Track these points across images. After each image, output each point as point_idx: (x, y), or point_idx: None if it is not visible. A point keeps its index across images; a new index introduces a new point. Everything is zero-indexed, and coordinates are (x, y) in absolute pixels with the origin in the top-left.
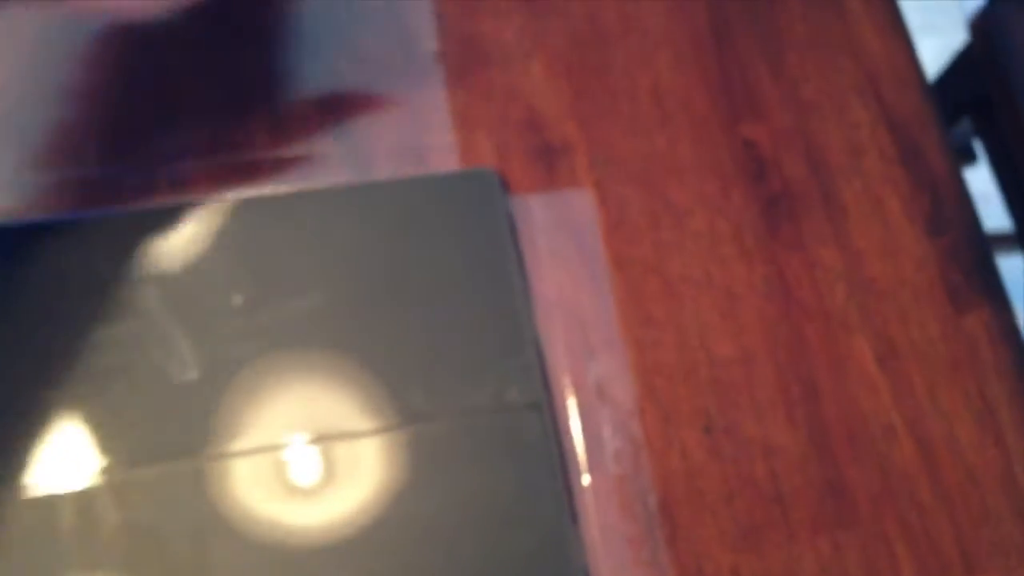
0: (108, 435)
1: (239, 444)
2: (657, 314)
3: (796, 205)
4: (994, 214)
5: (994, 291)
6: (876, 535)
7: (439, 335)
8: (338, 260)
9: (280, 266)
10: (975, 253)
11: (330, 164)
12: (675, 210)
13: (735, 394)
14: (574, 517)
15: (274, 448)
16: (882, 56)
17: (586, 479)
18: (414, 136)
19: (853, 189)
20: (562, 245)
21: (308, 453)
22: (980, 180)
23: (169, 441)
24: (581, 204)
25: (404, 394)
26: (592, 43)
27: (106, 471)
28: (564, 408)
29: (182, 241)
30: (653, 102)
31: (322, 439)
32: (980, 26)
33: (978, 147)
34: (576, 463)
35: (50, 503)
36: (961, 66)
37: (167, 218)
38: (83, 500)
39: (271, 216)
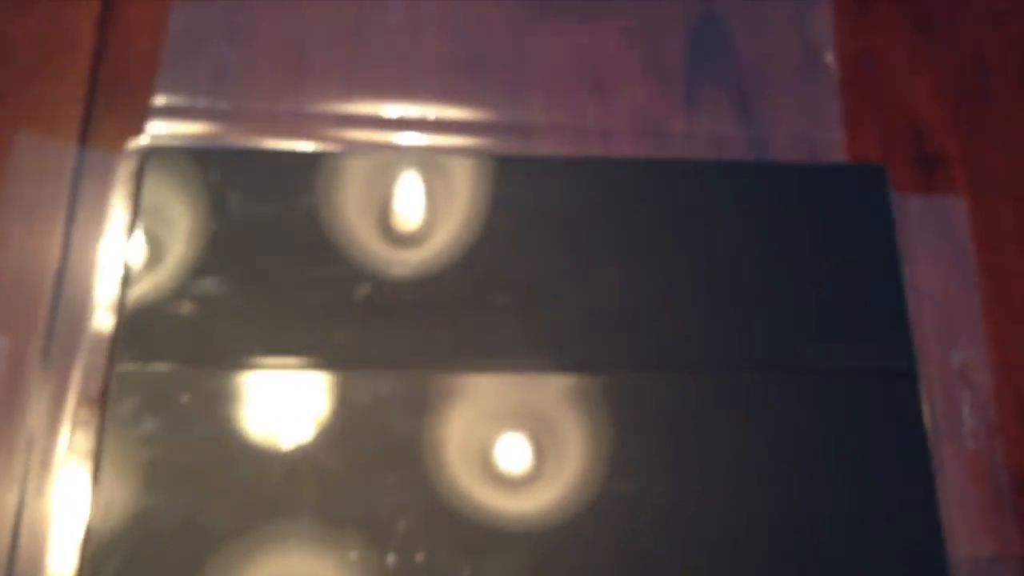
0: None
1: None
2: (1021, 315)
3: None
4: None
5: None
6: None
7: (825, 295)
8: (741, 225)
9: (689, 226)
10: None
11: (732, 145)
12: None
13: None
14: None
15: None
16: None
17: (942, 450)
18: (808, 130)
19: None
20: (935, 242)
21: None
22: None
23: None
24: (955, 211)
25: (794, 341)
26: (974, 69)
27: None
28: (927, 385)
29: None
30: None
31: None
32: None
33: None
34: (934, 434)
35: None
36: None
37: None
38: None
39: (679, 181)
